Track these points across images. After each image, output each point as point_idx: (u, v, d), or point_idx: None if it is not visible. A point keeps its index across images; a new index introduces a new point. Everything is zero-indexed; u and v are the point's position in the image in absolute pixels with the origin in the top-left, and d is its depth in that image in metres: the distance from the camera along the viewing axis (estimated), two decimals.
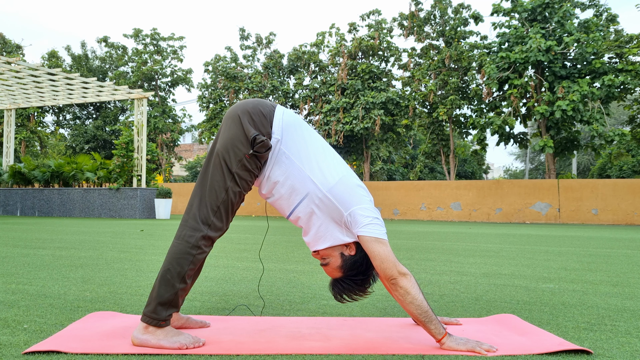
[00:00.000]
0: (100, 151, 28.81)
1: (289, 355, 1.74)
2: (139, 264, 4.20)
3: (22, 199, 17.27)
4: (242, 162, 1.91)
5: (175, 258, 1.88)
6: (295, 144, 1.96)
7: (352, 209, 1.89)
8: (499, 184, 17.47)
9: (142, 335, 1.83)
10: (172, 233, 8.24)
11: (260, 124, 1.93)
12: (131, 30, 27.72)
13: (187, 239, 1.89)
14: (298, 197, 1.94)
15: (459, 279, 3.60)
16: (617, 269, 4.26)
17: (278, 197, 1.98)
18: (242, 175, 1.92)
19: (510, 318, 2.31)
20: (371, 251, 1.87)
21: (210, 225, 1.90)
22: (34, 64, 14.37)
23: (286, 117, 1.98)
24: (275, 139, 1.93)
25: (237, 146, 1.91)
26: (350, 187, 1.94)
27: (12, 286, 3.04)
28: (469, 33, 20.53)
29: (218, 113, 24.39)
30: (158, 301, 1.85)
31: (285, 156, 1.94)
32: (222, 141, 1.94)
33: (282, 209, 2.01)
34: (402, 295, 1.84)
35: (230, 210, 1.94)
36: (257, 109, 1.95)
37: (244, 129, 1.91)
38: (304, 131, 2.00)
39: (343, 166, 2.02)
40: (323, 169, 1.94)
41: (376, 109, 20.81)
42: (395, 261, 1.86)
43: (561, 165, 37.64)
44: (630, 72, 16.79)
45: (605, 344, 1.94)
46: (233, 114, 1.97)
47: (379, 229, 1.89)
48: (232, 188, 1.91)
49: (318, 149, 1.99)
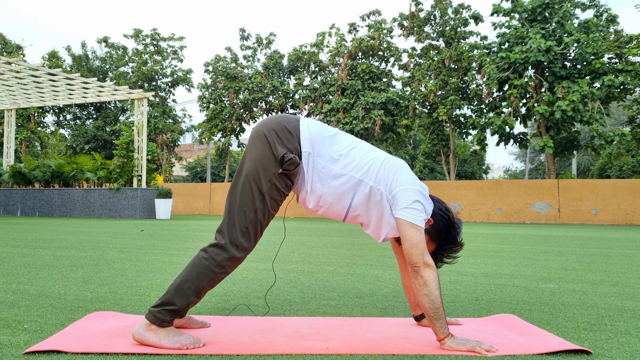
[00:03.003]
0: (101, 151, 28.81)
1: (289, 355, 1.74)
2: (139, 264, 4.20)
3: (23, 199, 17.27)
4: (271, 181, 1.90)
5: (197, 271, 1.88)
6: (328, 150, 1.97)
7: (394, 191, 1.93)
8: (499, 184, 17.48)
9: (144, 332, 1.83)
10: (172, 233, 8.24)
11: (287, 141, 1.92)
12: (131, 30, 27.70)
13: (214, 256, 1.88)
14: (347, 198, 1.96)
15: (459, 279, 3.60)
16: (617, 269, 4.26)
17: (328, 206, 2.00)
18: (272, 195, 1.91)
19: (510, 318, 2.31)
20: (403, 234, 1.90)
21: (239, 246, 1.89)
22: (34, 64, 14.37)
23: (312, 128, 1.99)
24: (306, 152, 1.94)
25: (265, 166, 1.91)
26: (391, 170, 1.96)
27: (12, 286, 3.04)
28: (469, 33, 20.53)
29: (218, 113, 24.39)
30: (167, 306, 1.86)
31: (322, 165, 1.95)
32: (250, 161, 1.93)
33: (336, 215, 2.03)
34: (420, 285, 1.86)
35: (259, 231, 1.93)
36: (281, 126, 1.95)
37: (271, 148, 1.91)
38: (332, 135, 2.02)
39: (378, 153, 2.04)
40: (360, 163, 1.96)
41: (376, 109, 20.81)
42: (424, 250, 1.88)
43: (561, 166, 37.64)
44: (630, 72, 16.79)
45: (605, 344, 1.95)
46: (258, 132, 1.97)
47: (417, 214, 1.90)
48: (261, 209, 1.90)
49: (350, 145, 2.01)
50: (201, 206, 21.83)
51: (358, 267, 4.20)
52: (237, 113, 24.02)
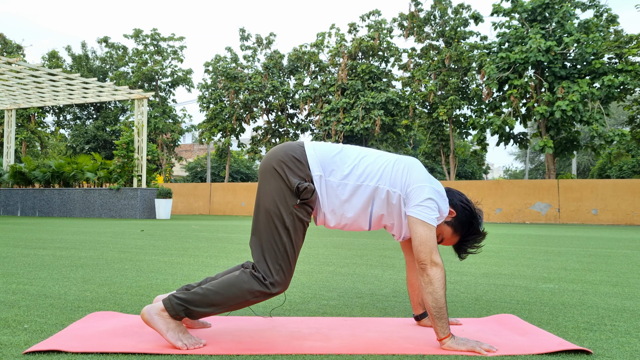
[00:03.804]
0: (101, 151, 28.81)
1: (289, 355, 1.74)
2: (139, 264, 4.20)
3: (23, 199, 17.27)
4: (293, 214, 1.91)
5: (232, 291, 1.87)
6: (338, 167, 1.98)
7: (408, 190, 1.95)
8: (499, 184, 17.47)
9: (154, 315, 1.84)
10: (172, 233, 8.24)
11: (298, 169, 1.93)
12: (131, 30, 27.70)
13: (253, 285, 1.87)
14: (367, 208, 1.98)
15: (459, 279, 3.60)
16: (617, 269, 4.26)
17: (352, 222, 2.01)
18: (296, 227, 1.92)
19: (510, 318, 2.31)
20: (413, 231, 1.92)
21: (274, 284, 1.88)
22: (34, 65, 14.38)
23: (318, 151, 1.99)
24: (317, 175, 1.94)
25: (283, 199, 1.91)
26: (404, 170, 1.98)
27: (12, 286, 3.04)
28: (469, 33, 20.53)
29: (218, 113, 24.40)
30: (188, 305, 1.86)
31: (336, 184, 1.96)
32: (267, 197, 1.94)
33: (360, 227, 2.04)
34: (425, 283, 1.88)
35: (292, 263, 1.92)
36: (289, 156, 1.95)
37: (284, 180, 1.92)
38: (339, 152, 2.03)
39: (389, 156, 2.05)
40: (372, 170, 1.98)
41: (376, 109, 20.81)
42: (433, 248, 1.89)
43: (561, 166, 37.63)
44: (630, 72, 16.79)
45: (605, 344, 1.95)
46: (268, 166, 1.97)
47: (428, 212, 1.91)
48: (289, 243, 1.90)
49: (359, 156, 2.03)
50: (201, 206, 21.83)
51: (358, 267, 4.20)
52: (237, 113, 24.02)
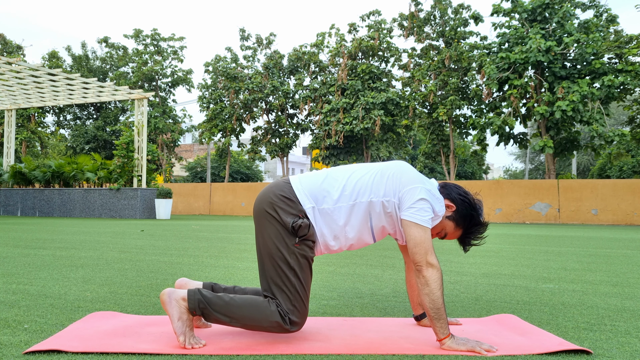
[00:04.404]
0: (101, 151, 28.81)
1: (289, 355, 1.74)
2: (139, 264, 4.20)
3: (23, 199, 17.27)
4: (295, 253, 1.91)
5: (253, 312, 1.88)
6: (328, 192, 1.98)
7: (400, 194, 1.95)
8: (499, 184, 17.48)
9: (173, 300, 1.87)
10: (172, 233, 8.24)
11: (290, 207, 1.94)
12: (131, 30, 27.69)
13: (274, 315, 1.87)
14: (366, 223, 1.99)
15: (459, 279, 3.60)
16: (617, 269, 4.26)
17: (355, 241, 2.02)
18: (302, 265, 1.92)
19: (510, 318, 2.31)
20: (407, 234, 1.92)
21: (291, 323, 1.89)
22: (34, 65, 14.38)
23: (305, 183, 2.00)
24: (310, 207, 1.95)
25: (282, 241, 1.92)
26: (395, 177, 1.98)
27: (12, 286, 3.04)
28: (469, 33, 20.52)
29: (218, 113, 24.39)
30: (209, 306, 1.88)
31: (330, 210, 1.96)
32: (267, 242, 1.94)
33: (365, 243, 2.05)
34: (422, 284, 1.88)
35: (305, 299, 1.92)
36: (278, 196, 1.96)
37: (279, 222, 1.93)
38: (325, 177, 2.03)
39: (377, 167, 2.05)
40: (363, 185, 1.98)
41: (376, 109, 20.81)
42: (428, 249, 1.89)
43: (561, 166, 37.63)
44: (630, 72, 16.78)
45: (605, 344, 1.95)
46: (260, 211, 1.98)
47: (421, 214, 1.91)
48: (297, 282, 1.91)
49: (345, 174, 2.03)
50: (201, 206, 21.83)
51: (358, 267, 4.20)
52: (237, 113, 24.02)
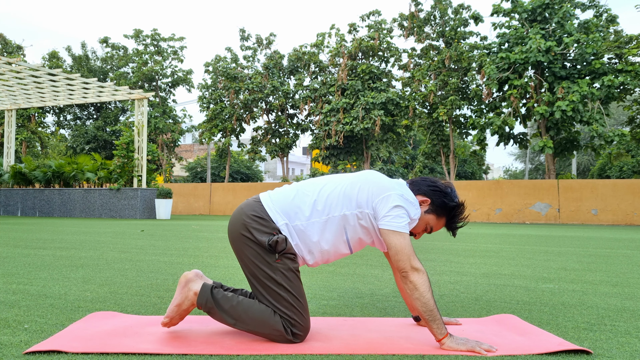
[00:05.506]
0: (101, 152, 28.80)
1: (289, 355, 1.74)
2: (139, 264, 4.20)
3: (23, 199, 17.27)
4: (278, 269, 1.92)
5: (260, 317, 1.90)
6: (300, 208, 1.98)
7: (373, 205, 1.95)
8: (499, 185, 17.47)
9: (186, 288, 1.97)
10: (172, 233, 8.24)
11: (263, 227, 1.95)
12: (132, 30, 27.68)
13: (279, 324, 1.88)
14: (341, 237, 1.99)
15: (459, 279, 3.60)
16: (617, 269, 4.26)
17: (332, 254, 2.02)
18: (289, 277, 1.93)
19: (510, 318, 2.31)
20: (387, 243, 1.92)
21: (295, 335, 1.89)
22: (34, 65, 14.38)
23: (275, 200, 2.01)
24: (283, 224, 1.96)
25: (264, 261, 1.93)
26: (365, 188, 1.98)
27: (12, 286, 3.04)
28: (469, 33, 20.51)
29: (218, 113, 24.38)
30: (217, 308, 1.93)
31: (304, 225, 1.97)
32: (250, 265, 1.96)
33: (342, 254, 2.06)
34: (411, 290, 1.88)
35: (302, 312, 1.92)
36: (250, 216, 1.97)
37: (256, 242, 1.94)
38: (296, 193, 2.03)
39: (347, 179, 2.05)
40: (335, 199, 1.98)
41: (376, 109, 20.81)
42: (410, 255, 1.89)
43: (561, 166, 37.62)
44: (629, 72, 16.78)
45: (605, 344, 1.95)
46: (235, 235, 1.99)
47: (397, 221, 1.91)
48: (290, 295, 1.91)
49: (316, 188, 2.03)
50: (201, 206, 21.83)
51: (358, 267, 4.20)
52: (237, 113, 24.02)
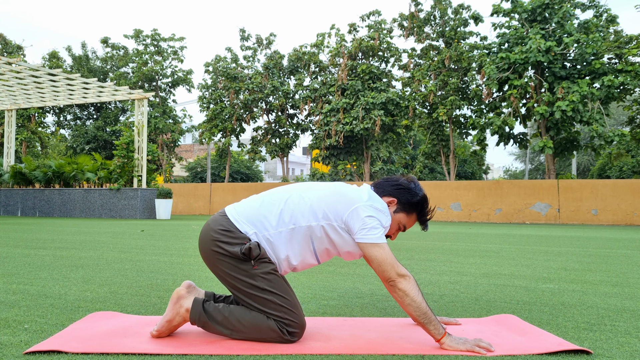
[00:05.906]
0: (101, 152, 28.79)
1: (289, 355, 1.74)
2: (139, 264, 4.20)
3: (23, 199, 17.27)
4: (258, 275, 1.92)
5: (252, 328, 1.89)
6: (267, 217, 1.98)
7: (344, 219, 1.94)
8: (499, 185, 17.47)
9: (177, 305, 1.95)
10: (172, 233, 8.24)
11: (232, 239, 1.95)
12: (132, 30, 27.68)
13: (271, 326, 1.89)
14: (308, 247, 1.99)
15: (458, 279, 3.60)
16: (617, 269, 4.26)
17: (299, 263, 2.02)
18: (271, 280, 1.92)
19: (510, 318, 2.32)
20: (368, 256, 1.91)
21: (291, 334, 1.89)
22: (34, 65, 14.38)
23: (240, 211, 2.01)
24: (252, 233, 1.96)
25: (241, 271, 1.93)
26: (333, 201, 1.97)
27: (12, 286, 3.04)
28: (468, 34, 20.51)
29: (218, 113, 24.38)
30: (210, 321, 1.92)
31: (270, 234, 1.97)
32: (229, 279, 1.95)
33: (309, 264, 2.06)
34: (401, 297, 1.87)
35: (294, 310, 1.91)
36: (217, 231, 1.97)
37: (229, 255, 1.94)
38: (261, 202, 2.03)
39: (314, 190, 2.03)
40: (300, 210, 1.97)
41: (376, 109, 20.81)
42: (393, 263, 1.88)
43: (561, 166, 37.62)
44: (629, 72, 16.78)
45: (605, 344, 1.95)
46: (207, 252, 2.00)
47: (373, 232, 1.90)
48: (277, 297, 1.91)
49: (281, 199, 2.02)
50: (201, 206, 21.83)
51: (358, 267, 4.20)
52: (238, 113, 24.02)
